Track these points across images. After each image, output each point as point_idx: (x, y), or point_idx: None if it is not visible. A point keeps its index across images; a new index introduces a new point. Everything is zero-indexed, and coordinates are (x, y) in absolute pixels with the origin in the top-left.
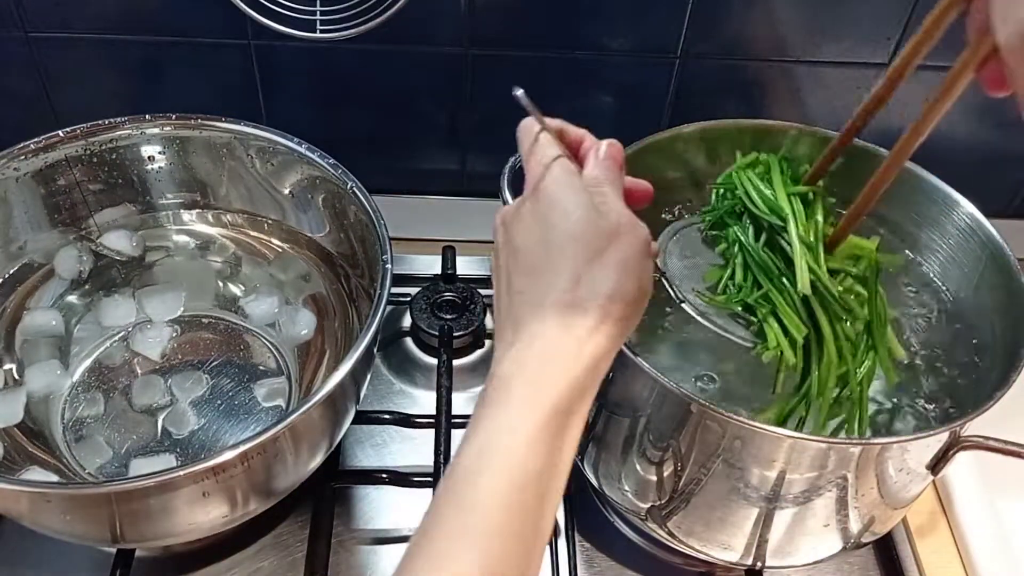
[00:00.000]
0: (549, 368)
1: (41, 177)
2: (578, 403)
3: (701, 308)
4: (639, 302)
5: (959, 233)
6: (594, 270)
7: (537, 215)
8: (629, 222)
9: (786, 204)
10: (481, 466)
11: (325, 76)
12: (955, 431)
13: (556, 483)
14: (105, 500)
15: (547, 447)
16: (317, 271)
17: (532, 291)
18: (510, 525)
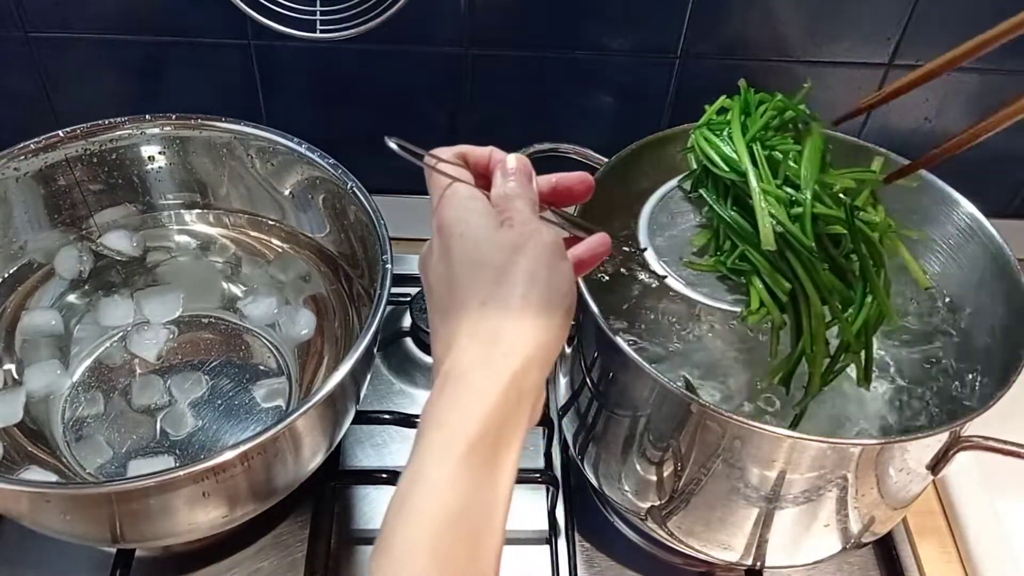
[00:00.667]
0: (461, 402)
1: (41, 177)
2: (502, 434)
3: (689, 279)
4: (555, 311)
5: (959, 233)
6: (500, 290)
7: (440, 249)
8: (532, 230)
9: (745, 156)
10: (402, 513)
11: (325, 76)
12: (955, 431)
13: (491, 519)
14: (105, 500)
15: (471, 483)
16: (317, 271)
17: (445, 328)
18: (437, 570)
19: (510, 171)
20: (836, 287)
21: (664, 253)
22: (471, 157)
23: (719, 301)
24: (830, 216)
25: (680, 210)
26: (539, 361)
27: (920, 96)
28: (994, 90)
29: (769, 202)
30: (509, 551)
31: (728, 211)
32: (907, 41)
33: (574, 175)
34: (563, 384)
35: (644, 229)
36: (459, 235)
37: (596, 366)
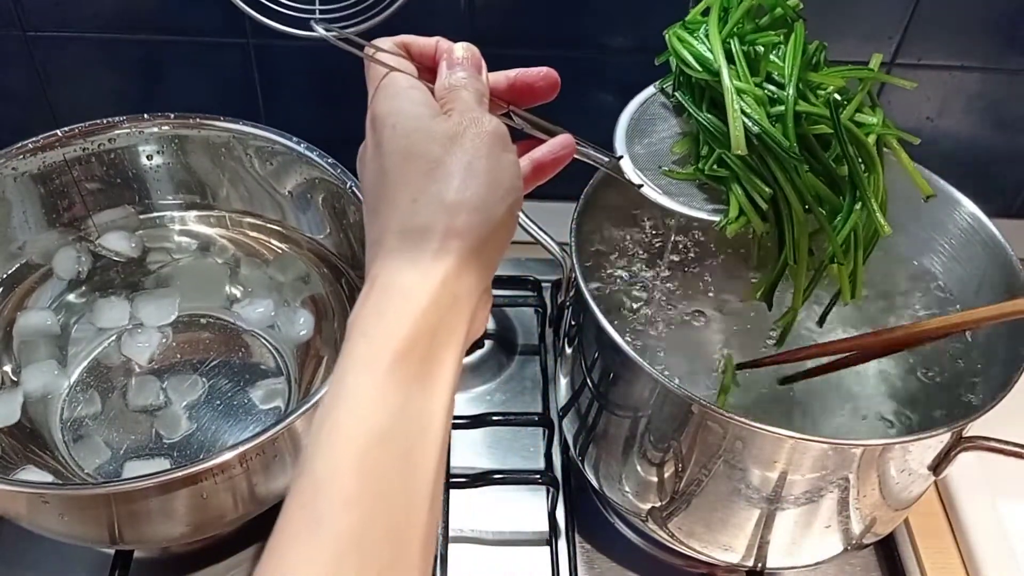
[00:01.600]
0: (388, 308)
1: (39, 177)
2: (435, 343)
3: (668, 189)
4: (495, 206)
5: (961, 233)
6: (432, 183)
7: (374, 143)
8: (471, 119)
9: (719, 54)
10: (323, 430)
11: (324, 75)
12: (957, 432)
13: (424, 437)
14: (103, 501)
15: (400, 396)
16: (316, 272)
17: (375, 228)
18: (366, 491)
19: (457, 60)
20: (821, 192)
21: (643, 162)
22: (415, 47)
23: (697, 210)
24: (815, 115)
25: (661, 115)
26: (478, 262)
27: (922, 95)
28: (995, 89)
29: (745, 101)
30: (509, 552)
31: (704, 114)
32: (908, 40)
33: (535, 69)
34: (563, 384)
35: (621, 136)
36: (391, 126)
37: (596, 366)
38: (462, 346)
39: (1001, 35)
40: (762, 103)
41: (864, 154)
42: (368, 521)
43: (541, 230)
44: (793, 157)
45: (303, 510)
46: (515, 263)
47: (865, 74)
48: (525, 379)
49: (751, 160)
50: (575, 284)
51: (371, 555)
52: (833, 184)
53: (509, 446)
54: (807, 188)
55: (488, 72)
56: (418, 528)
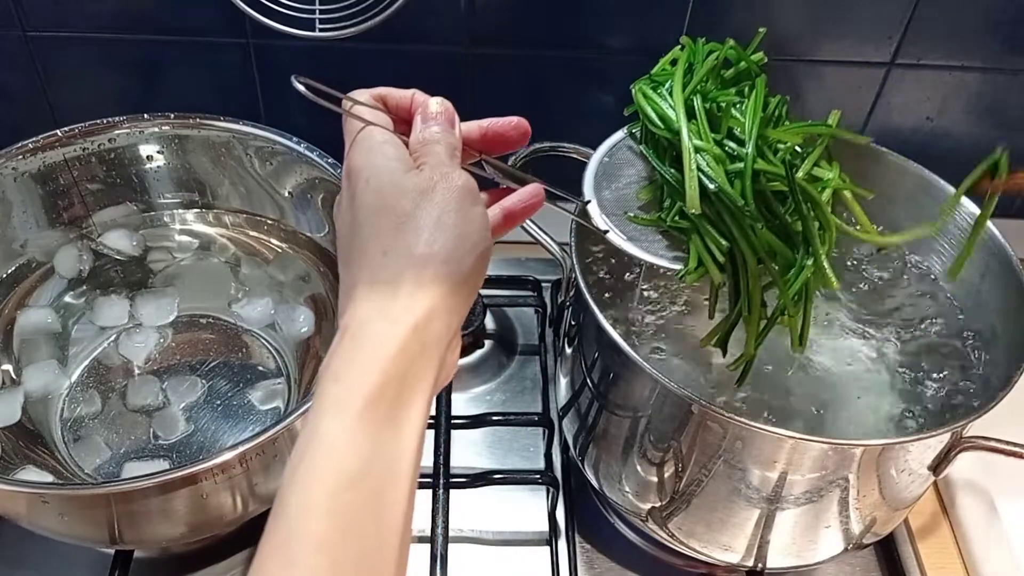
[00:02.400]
0: (359, 355)
1: (39, 176)
2: (404, 388)
3: (633, 235)
4: (463, 258)
5: (961, 233)
6: (403, 236)
7: (348, 196)
8: (442, 174)
9: (681, 112)
10: (298, 473)
11: (324, 75)
12: (957, 432)
13: (395, 480)
14: (103, 501)
15: (370, 440)
16: (316, 271)
17: (347, 278)
18: (337, 533)
19: (431, 115)
20: (775, 247)
21: (608, 207)
22: (391, 100)
23: (660, 258)
24: (772, 172)
25: (629, 160)
26: (445, 311)
27: (922, 95)
28: (995, 88)
29: (704, 159)
30: (509, 552)
31: (667, 168)
32: (908, 40)
33: (506, 120)
34: (563, 384)
35: (590, 180)
36: (365, 180)
37: (596, 366)
38: (431, 392)
39: (1001, 35)
40: (721, 160)
41: (818, 211)
42: (340, 563)
43: (541, 230)
44: (748, 216)
45: (277, 551)
46: (515, 263)
47: (822, 130)
48: (525, 379)
49: (709, 214)
50: (575, 284)
51: None
52: (788, 237)
53: (509, 446)
54: (761, 243)
55: (461, 123)
56: (389, 568)
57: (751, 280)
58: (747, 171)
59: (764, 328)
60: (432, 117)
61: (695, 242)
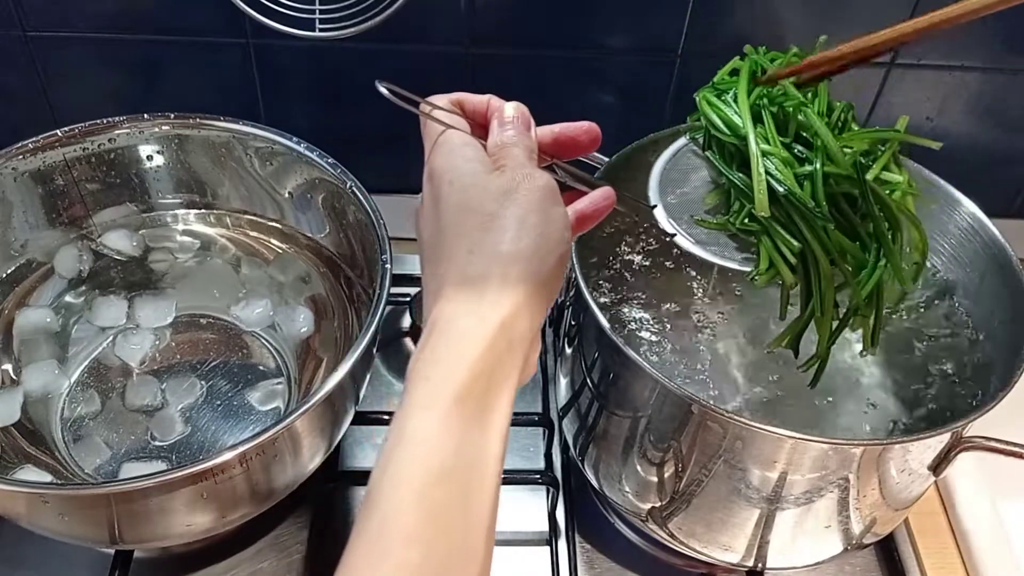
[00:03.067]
0: (447, 353)
1: (39, 176)
2: (491, 384)
3: (699, 238)
4: (546, 257)
5: (961, 233)
6: (488, 236)
7: (431, 198)
8: (524, 175)
9: (747, 118)
10: (388, 470)
11: (324, 75)
12: (957, 432)
13: (482, 475)
14: (103, 501)
15: (459, 437)
16: (316, 272)
17: (434, 279)
18: (428, 528)
19: (507, 119)
20: (847, 248)
21: (675, 211)
22: (468, 105)
23: (729, 260)
24: (841, 175)
25: (693, 166)
26: (530, 309)
27: (922, 95)
28: (995, 88)
29: (772, 163)
30: (509, 552)
31: (735, 173)
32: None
33: (578, 124)
34: (563, 385)
35: (655, 185)
36: (448, 182)
37: (596, 366)
38: (515, 388)
39: (1001, 35)
40: (789, 164)
41: (888, 213)
42: (429, 556)
43: None
44: (820, 217)
45: (369, 545)
46: None
47: (891, 135)
48: None
49: (779, 216)
50: (575, 284)
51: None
52: (858, 239)
53: (509, 446)
54: (833, 244)
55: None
56: (476, 563)
57: (824, 281)
58: (818, 173)
59: (837, 329)
60: (509, 121)
61: (765, 244)
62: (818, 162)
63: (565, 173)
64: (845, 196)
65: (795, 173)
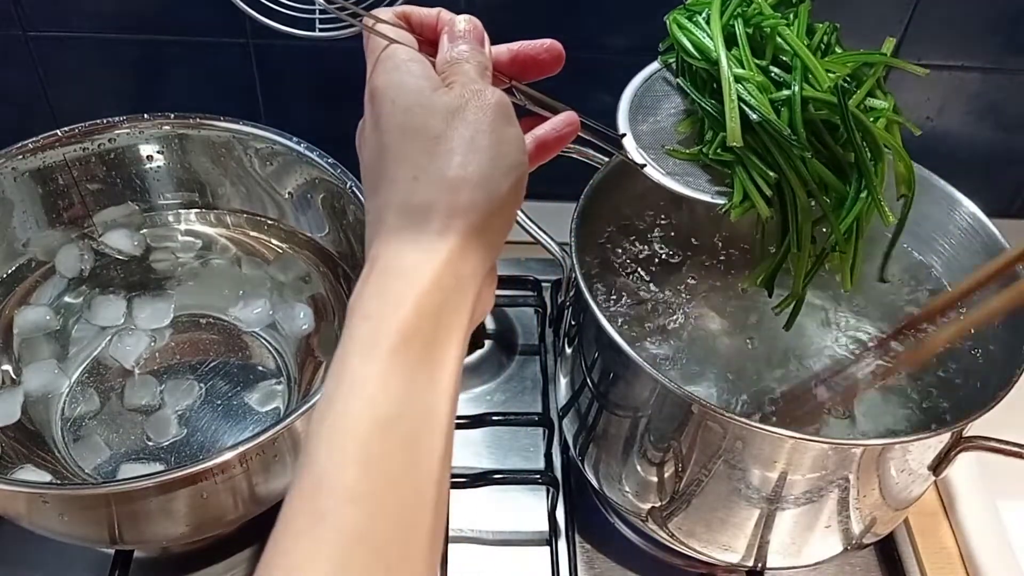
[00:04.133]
0: (389, 289)
1: (40, 176)
2: (439, 324)
3: (670, 169)
4: (498, 183)
5: (961, 233)
6: (434, 159)
7: (372, 119)
8: (473, 92)
9: (719, 41)
10: (327, 418)
11: (324, 75)
12: (957, 432)
13: (431, 424)
14: (103, 501)
15: (404, 382)
16: (317, 271)
17: (374, 206)
18: (371, 483)
19: (458, 33)
20: (827, 179)
21: (645, 141)
22: (415, 18)
23: (702, 193)
24: (822, 101)
25: (665, 93)
26: (481, 241)
27: (922, 95)
28: (995, 89)
29: (746, 88)
30: (509, 552)
31: (707, 100)
32: (909, 40)
33: (538, 42)
34: (563, 385)
35: (624, 113)
36: (391, 101)
37: (596, 366)
38: (466, 329)
39: (1001, 35)
40: (765, 89)
41: (871, 142)
42: (374, 515)
43: (541, 230)
44: (797, 146)
45: (306, 504)
46: (515, 263)
47: (876, 58)
48: (525, 379)
49: (754, 145)
50: (575, 284)
51: (378, 550)
52: (839, 170)
53: (509, 446)
54: (812, 174)
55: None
56: (425, 520)
57: (801, 214)
58: (795, 99)
59: (813, 266)
60: (460, 35)
61: (740, 175)
62: (796, 85)
63: (524, 96)
64: (826, 124)
65: (771, 99)
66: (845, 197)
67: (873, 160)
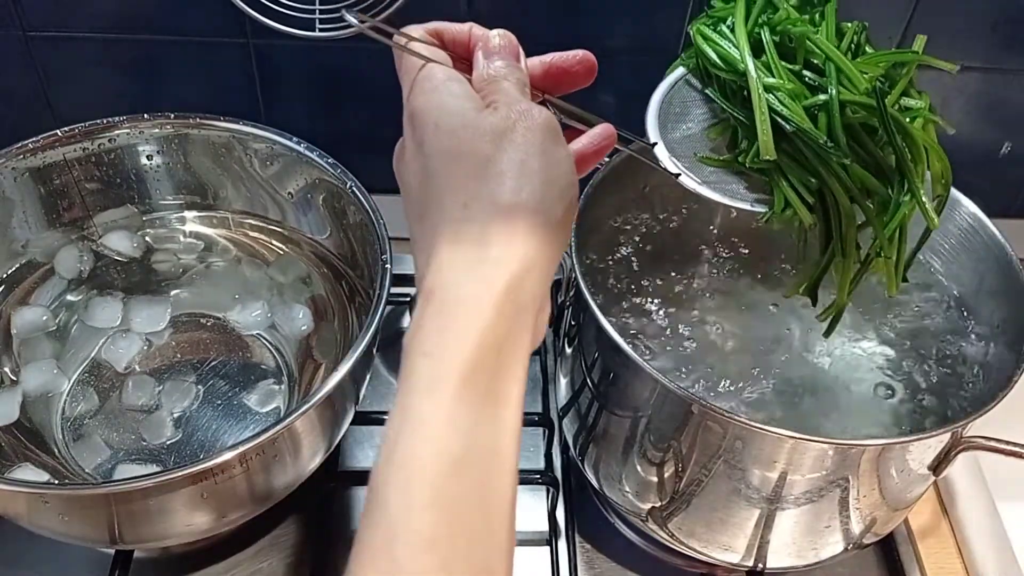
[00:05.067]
0: (450, 323)
1: (40, 176)
2: (502, 356)
3: (705, 177)
4: (553, 206)
5: (961, 233)
6: (484, 185)
7: (414, 143)
8: (519, 112)
9: (746, 50)
10: (394, 460)
11: (324, 75)
12: (957, 432)
13: (500, 461)
14: (103, 501)
15: (470, 420)
16: (317, 273)
17: (424, 235)
18: (444, 528)
19: (493, 49)
20: (868, 184)
21: (678, 148)
22: (448, 35)
23: (740, 201)
24: (858, 104)
25: (694, 99)
26: (538, 267)
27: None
28: (995, 88)
29: (779, 98)
30: None
31: (738, 111)
32: (908, 40)
33: (571, 53)
34: (563, 384)
35: (653, 121)
36: (433, 124)
37: (596, 366)
38: (527, 359)
39: (1001, 35)
40: (798, 96)
41: (911, 143)
42: (450, 560)
43: None
44: (835, 153)
45: (379, 552)
46: None
47: (908, 57)
48: None
49: (791, 152)
50: (575, 284)
51: None
52: (879, 173)
53: None
54: (854, 180)
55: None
56: (502, 562)
57: (845, 220)
58: (833, 104)
59: (859, 272)
60: (496, 51)
61: (780, 184)
62: (833, 89)
63: (559, 110)
64: (863, 127)
65: (806, 105)
66: (888, 201)
67: (913, 161)
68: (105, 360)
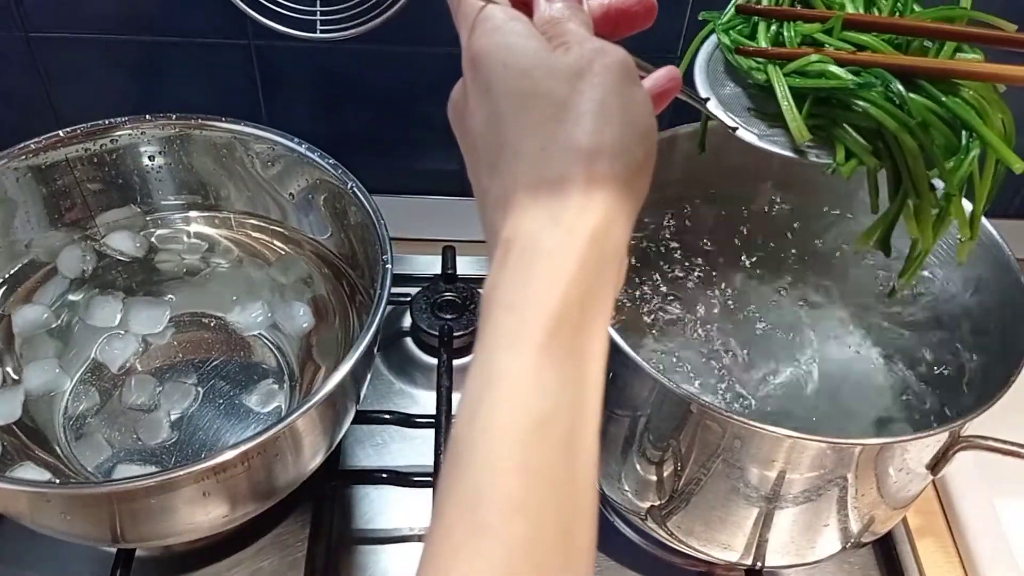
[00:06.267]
0: (532, 276)
1: (41, 177)
2: (586, 310)
3: (763, 131)
4: (634, 150)
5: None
6: (562, 127)
7: (479, 89)
8: (594, 51)
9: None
10: (477, 420)
11: (325, 76)
12: (955, 431)
13: (584, 421)
14: (105, 500)
15: (557, 377)
16: (318, 273)
17: (496, 185)
18: (534, 491)
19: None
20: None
21: (732, 104)
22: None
23: (802, 154)
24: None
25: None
26: (621, 214)
27: None
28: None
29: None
30: None
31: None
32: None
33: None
34: None
35: (702, 79)
36: (502, 65)
37: None
38: (610, 312)
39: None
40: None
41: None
42: (538, 525)
43: None
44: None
45: (465, 514)
46: None
47: (957, 12)
48: None
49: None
50: None
51: (543, 562)
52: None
53: None
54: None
55: None
56: (584, 531)
57: (910, 159)
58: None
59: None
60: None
61: (839, 134)
62: None
63: None
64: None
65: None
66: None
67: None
68: (101, 360)
